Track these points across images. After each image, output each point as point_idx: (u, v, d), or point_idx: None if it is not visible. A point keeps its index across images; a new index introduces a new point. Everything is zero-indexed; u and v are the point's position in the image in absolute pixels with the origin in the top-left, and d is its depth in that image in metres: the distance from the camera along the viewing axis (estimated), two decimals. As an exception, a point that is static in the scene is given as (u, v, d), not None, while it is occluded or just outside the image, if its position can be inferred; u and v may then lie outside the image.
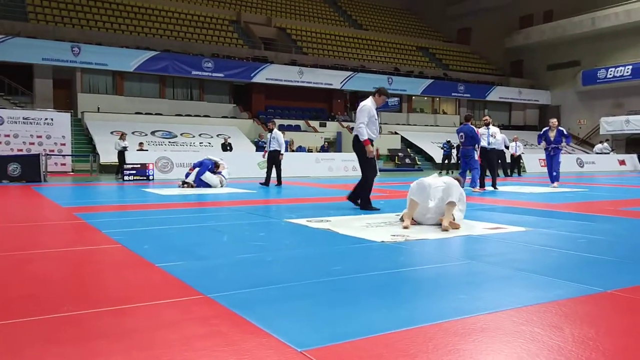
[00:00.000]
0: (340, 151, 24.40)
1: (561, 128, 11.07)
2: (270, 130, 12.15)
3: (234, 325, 2.15)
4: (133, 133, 20.37)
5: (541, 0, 34.45)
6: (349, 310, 2.38)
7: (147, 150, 17.08)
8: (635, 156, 26.80)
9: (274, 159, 11.93)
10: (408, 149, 26.98)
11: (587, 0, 31.73)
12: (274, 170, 12.04)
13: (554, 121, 11.13)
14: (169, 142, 21.32)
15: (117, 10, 25.73)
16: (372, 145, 6.72)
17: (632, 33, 30.08)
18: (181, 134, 22.09)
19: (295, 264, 3.44)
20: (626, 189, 11.94)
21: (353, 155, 22.44)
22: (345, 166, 19.16)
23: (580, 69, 32.62)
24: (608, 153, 26.79)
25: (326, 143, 24.26)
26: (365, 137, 6.57)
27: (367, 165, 6.73)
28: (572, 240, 4.42)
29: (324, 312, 2.37)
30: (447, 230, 4.72)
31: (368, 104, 6.67)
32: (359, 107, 6.77)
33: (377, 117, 6.81)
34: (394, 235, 4.53)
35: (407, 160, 25.23)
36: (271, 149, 11.91)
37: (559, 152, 11.10)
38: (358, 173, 19.82)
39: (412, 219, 5.14)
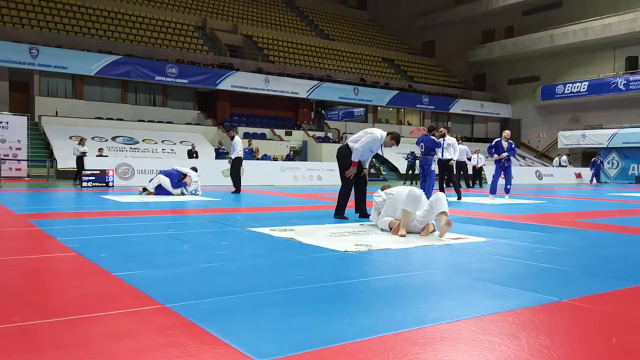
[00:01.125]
0: (305, 160, 24.45)
1: (511, 141, 11.30)
2: (232, 138, 12.28)
3: (192, 336, 2.10)
4: (93, 138, 19.90)
5: (503, 16, 35.48)
6: (310, 320, 2.36)
7: (107, 156, 16.69)
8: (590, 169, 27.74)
9: (237, 166, 12.09)
10: (373, 159, 27.18)
11: (546, 18, 32.87)
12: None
13: (507, 132, 11.36)
14: (131, 148, 20.90)
15: (79, 13, 25.19)
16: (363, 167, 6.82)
17: (588, 51, 31.29)
18: (143, 140, 21.69)
19: (257, 273, 3.40)
20: (582, 201, 12.34)
21: (318, 164, 22.45)
22: (310, 175, 19.18)
23: (539, 84, 33.69)
24: (566, 166, 27.68)
25: (292, 152, 24.26)
26: (357, 160, 6.61)
27: (345, 177, 6.78)
28: (530, 250, 4.52)
29: (284, 322, 2.34)
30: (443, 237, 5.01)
31: (378, 137, 6.60)
32: (370, 132, 6.68)
33: (374, 152, 6.83)
34: (358, 245, 4.54)
35: (372, 170, 25.42)
36: (234, 156, 11.99)
37: (511, 163, 11.38)
38: (323, 182, 19.85)
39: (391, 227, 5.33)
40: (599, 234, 5.78)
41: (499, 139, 11.28)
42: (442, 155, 10.98)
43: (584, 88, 31.05)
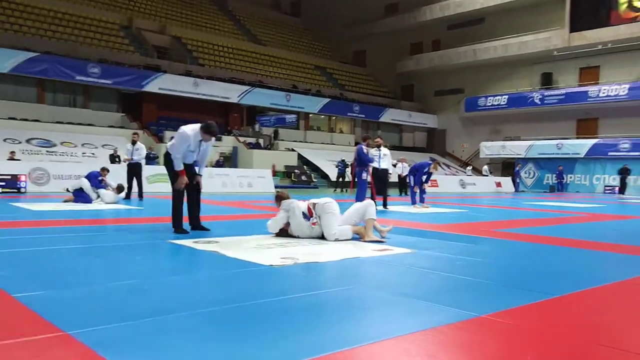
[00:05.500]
0: (236, 166, 24.07)
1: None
2: (134, 142, 12.18)
3: (93, 370, 1.91)
4: (5, 140, 18.59)
5: (430, 30, 36.76)
6: (227, 346, 2.23)
7: (19, 160, 15.62)
8: (509, 179, 29.28)
9: (135, 171, 12.04)
10: (305, 166, 27.25)
11: (470, 33, 34.38)
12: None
13: (436, 166, 12.06)
14: (47, 151, 19.70)
15: (-7, 6, 23.52)
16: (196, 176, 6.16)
17: (508, 66, 33.03)
18: (61, 143, 20.52)
19: (175, 292, 3.21)
20: (501, 210, 12.90)
21: (249, 171, 22.15)
22: (240, 182, 18.89)
23: (463, 96, 35.15)
24: (487, 175, 29.01)
25: (221, 158, 23.81)
26: (180, 168, 5.88)
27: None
28: (452, 262, 4.60)
29: (198, 348, 2.19)
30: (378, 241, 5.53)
31: (188, 134, 5.85)
32: (179, 131, 5.92)
33: (196, 151, 6.06)
34: (284, 258, 4.43)
35: (304, 178, 25.46)
36: (134, 160, 12.03)
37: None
38: (253, 189, 19.58)
39: (288, 232, 5.77)
40: (516, 244, 6.00)
41: (431, 171, 11.67)
42: (379, 165, 11.14)
43: (504, 101, 32.73)
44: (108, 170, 10.82)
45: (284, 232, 5.84)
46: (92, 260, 4.18)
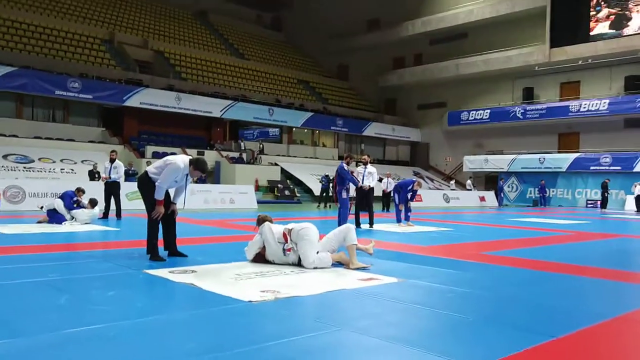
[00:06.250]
0: (218, 182, 23.73)
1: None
2: (112, 160, 11.95)
3: None
4: (-20, 157, 18.06)
5: (412, 44, 36.94)
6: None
7: (-6, 177, 15.14)
8: (493, 193, 29.36)
9: (113, 190, 11.80)
10: (288, 181, 26.99)
11: (452, 48, 34.61)
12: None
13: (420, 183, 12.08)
14: (24, 167, 19.19)
15: (-31, 19, 23.03)
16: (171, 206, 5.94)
17: (490, 80, 33.28)
18: (39, 159, 20.00)
19: (143, 340, 2.94)
20: (486, 228, 12.79)
21: (231, 187, 21.82)
22: (222, 198, 18.56)
23: (446, 110, 35.29)
24: (471, 190, 29.05)
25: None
26: (161, 198, 5.67)
27: (150, 212, 5.79)
28: (441, 294, 4.40)
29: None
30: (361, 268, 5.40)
31: (180, 166, 5.67)
32: (171, 161, 5.75)
33: (180, 183, 5.86)
34: (264, 292, 4.19)
35: (287, 192, 25.19)
36: (111, 179, 11.77)
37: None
38: (235, 205, 19.26)
39: (265, 257, 5.59)
40: (506, 271, 5.83)
41: (415, 188, 11.66)
42: (362, 182, 11.03)
43: (486, 115, 32.91)
44: (84, 192, 10.47)
45: (261, 258, 5.64)
46: (56, 297, 3.87)
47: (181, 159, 5.78)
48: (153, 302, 3.95)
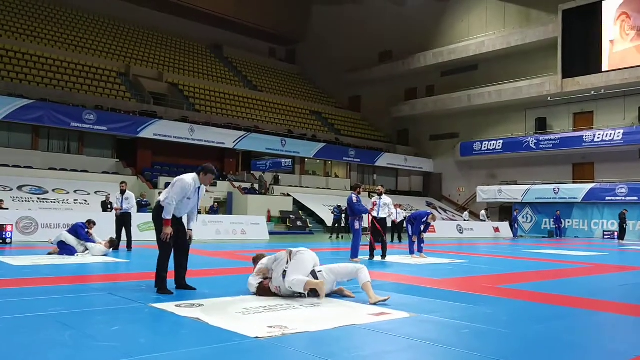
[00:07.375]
0: (230, 212, 23.72)
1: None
2: (123, 192, 12.01)
3: None
4: (-5, 188, 18.25)
5: (424, 76, 37.17)
6: None
7: (7, 208, 15.18)
8: (507, 224, 28.96)
9: (124, 221, 11.81)
10: (300, 212, 26.89)
11: (463, 79, 34.76)
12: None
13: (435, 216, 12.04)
14: (38, 198, 19.33)
15: (-12, 53, 23.66)
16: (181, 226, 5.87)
17: (502, 111, 33.23)
18: (53, 190, 20.16)
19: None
20: (502, 260, 12.52)
21: (243, 218, 21.75)
22: (234, 229, 18.48)
23: (459, 141, 35.19)
24: (485, 220, 28.70)
25: (216, 204, 23.48)
26: (169, 217, 5.63)
27: (162, 241, 5.73)
28: (456, 330, 4.23)
29: None
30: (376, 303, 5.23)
31: (189, 181, 5.74)
32: (178, 179, 5.80)
33: (193, 199, 5.88)
34: (271, 327, 4.06)
35: (299, 223, 25.06)
36: (124, 210, 11.83)
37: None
38: (247, 237, 19.17)
39: (270, 289, 5.54)
40: (523, 305, 5.64)
41: (429, 221, 11.55)
42: (378, 214, 10.95)
43: (499, 146, 32.74)
44: (94, 223, 10.46)
45: (266, 291, 5.56)
46: (59, 334, 3.78)
47: (189, 176, 5.85)
48: (156, 338, 3.84)
